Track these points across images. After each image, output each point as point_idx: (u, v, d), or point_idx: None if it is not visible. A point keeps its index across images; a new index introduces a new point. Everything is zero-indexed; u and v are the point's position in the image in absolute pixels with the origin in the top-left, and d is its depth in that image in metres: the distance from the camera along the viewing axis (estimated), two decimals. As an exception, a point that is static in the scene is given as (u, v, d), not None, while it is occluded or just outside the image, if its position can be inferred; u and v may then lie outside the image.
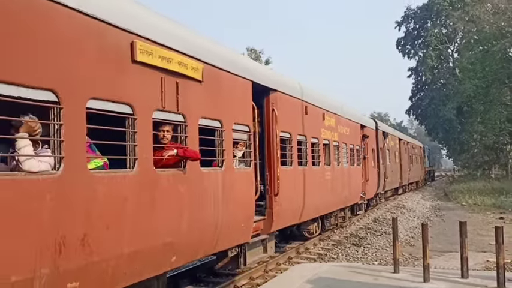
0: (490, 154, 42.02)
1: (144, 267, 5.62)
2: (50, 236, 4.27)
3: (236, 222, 8.00)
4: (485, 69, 34.79)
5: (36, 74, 4.19)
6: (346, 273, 8.74)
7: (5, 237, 3.87)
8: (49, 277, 4.22)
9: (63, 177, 4.43)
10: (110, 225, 5.01)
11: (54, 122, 4.42)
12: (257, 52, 48.46)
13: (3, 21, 3.91)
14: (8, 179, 3.98)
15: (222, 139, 7.55)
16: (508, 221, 18.04)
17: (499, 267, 7.48)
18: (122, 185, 5.27)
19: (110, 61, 5.15)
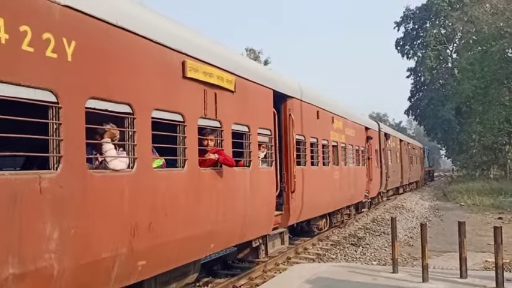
0: (488, 154, 42.07)
1: (190, 251, 6.77)
2: (128, 222, 5.33)
3: (260, 215, 9.08)
4: (484, 70, 34.84)
5: (120, 92, 5.32)
6: (345, 273, 8.75)
7: (98, 222, 4.93)
8: (126, 255, 5.29)
9: (136, 175, 5.52)
10: (168, 214, 6.05)
11: (129, 129, 5.47)
12: (256, 52, 48.45)
13: (101, 57, 5.07)
14: (100, 176, 5.08)
15: (249, 142, 8.65)
16: (507, 221, 18.06)
17: (497, 268, 7.49)
18: (176, 181, 6.42)
19: (167, 78, 6.26)
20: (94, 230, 4.89)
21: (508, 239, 12.47)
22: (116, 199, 5.22)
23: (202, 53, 7.12)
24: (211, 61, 7.29)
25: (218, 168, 7.45)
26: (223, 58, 7.89)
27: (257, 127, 9.00)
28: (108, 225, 5.08)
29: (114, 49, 5.32)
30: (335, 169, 14.49)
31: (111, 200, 5.14)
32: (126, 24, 5.44)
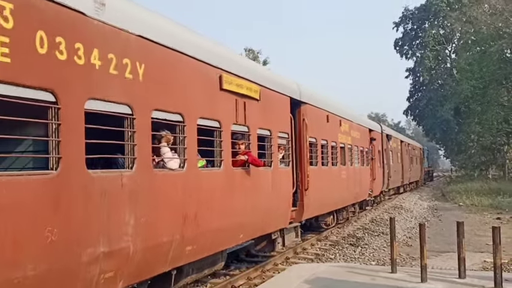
0: (487, 155, 42.13)
1: (224, 240, 7.97)
2: (180, 213, 6.47)
3: (279, 210, 10.21)
4: (482, 70, 34.88)
5: (174, 104, 6.46)
6: (343, 274, 8.75)
7: (160, 212, 6.05)
8: (179, 241, 6.40)
9: (186, 173, 6.68)
10: (209, 207, 7.18)
11: (180, 134, 6.62)
12: (255, 52, 48.49)
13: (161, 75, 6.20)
14: (161, 174, 6.26)
15: (271, 144, 9.75)
16: (505, 221, 18.08)
17: (496, 268, 7.49)
18: (214, 178, 7.56)
19: (208, 90, 7.38)
20: (158, 218, 6.01)
21: (506, 239, 12.49)
22: (172, 193, 6.39)
23: (235, 67, 8.29)
24: (242, 74, 8.48)
25: (246, 168, 8.58)
26: (251, 71, 9.15)
27: (277, 131, 10.18)
28: (167, 215, 6.23)
29: (170, 68, 6.42)
30: (342, 169, 15.60)
31: (169, 193, 6.30)
32: (179, 47, 6.58)
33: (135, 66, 5.65)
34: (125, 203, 5.41)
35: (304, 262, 11.44)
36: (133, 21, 5.76)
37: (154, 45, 6.06)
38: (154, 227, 5.93)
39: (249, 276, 9.59)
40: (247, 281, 9.39)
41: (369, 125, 21.51)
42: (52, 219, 4.49)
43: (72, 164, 4.73)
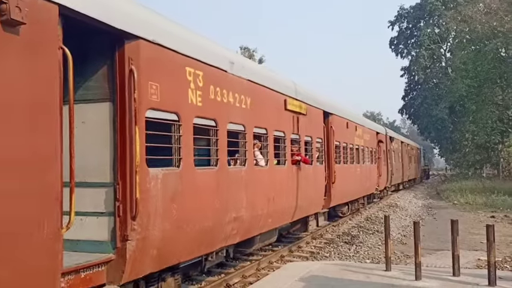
0: (481, 153, 42.27)
1: (287, 217, 11.17)
2: (267, 195, 9.48)
3: (316, 198, 13.27)
4: (477, 69, 34.97)
5: (263, 121, 9.50)
6: (338, 272, 8.77)
7: (258, 193, 9.09)
8: (265, 215, 9.44)
9: (269, 169, 9.77)
10: (279, 192, 10.25)
11: (265, 142, 9.67)
12: (250, 51, 48.48)
13: (258, 103, 9.21)
14: (258, 168, 9.30)
15: (312, 147, 12.84)
16: (499, 219, 18.18)
17: (490, 266, 7.52)
18: (282, 173, 10.64)
19: (278, 111, 10.50)
20: (256, 198, 9.03)
21: (500, 238, 12.56)
22: (263, 182, 9.41)
23: (293, 93, 11.50)
24: (297, 97, 11.64)
25: (298, 165, 11.45)
26: (302, 94, 12.21)
27: (316, 137, 13.29)
28: (261, 197, 9.29)
29: (261, 98, 9.46)
30: (357, 166, 18.89)
31: (261, 183, 9.33)
32: (265, 83, 9.73)
33: (246, 99, 8.74)
34: (242, 188, 8.47)
35: (299, 260, 11.45)
36: (246, 71, 8.87)
37: (255, 84, 9.22)
38: (255, 204, 8.97)
39: (244, 274, 9.59)
40: (242, 279, 9.38)
41: (376, 128, 25.12)
42: (216, 194, 7.56)
43: (224, 162, 7.89)
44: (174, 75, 6.50)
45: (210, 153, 7.58)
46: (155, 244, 5.93)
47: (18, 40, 4.16)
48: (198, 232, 6.99)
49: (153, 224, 5.88)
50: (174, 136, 6.52)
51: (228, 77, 8.01)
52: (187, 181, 6.69)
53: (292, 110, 11.14)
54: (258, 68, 10.56)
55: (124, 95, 5.59)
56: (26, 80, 4.27)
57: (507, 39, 31.99)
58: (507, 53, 34.41)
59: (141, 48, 5.76)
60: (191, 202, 6.76)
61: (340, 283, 7.99)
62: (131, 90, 5.56)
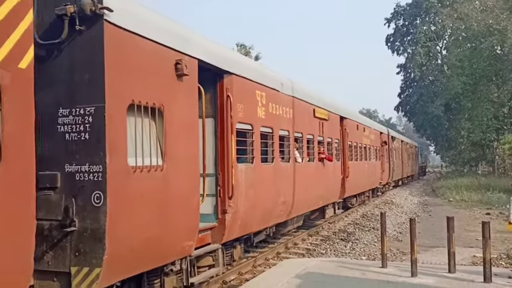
0: (477, 151, 42.41)
1: (314, 203, 13.61)
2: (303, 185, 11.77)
3: (335, 189, 15.89)
4: (473, 67, 35.04)
5: (300, 128, 11.98)
6: (334, 268, 8.78)
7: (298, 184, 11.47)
8: (303, 200, 11.98)
9: (304, 164, 12.16)
10: (310, 183, 12.67)
11: (302, 144, 12.19)
12: (247, 48, 48.38)
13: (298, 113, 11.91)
14: (297, 164, 11.55)
15: (332, 147, 15.37)
16: (495, 216, 18.23)
17: (485, 262, 7.55)
18: (312, 167, 13.11)
19: (309, 118, 13.02)
20: (297, 187, 11.35)
21: (495, 235, 12.60)
22: (300, 175, 11.74)
23: (321, 103, 14.22)
24: (323, 106, 14.37)
25: (322, 162, 14.02)
26: (325, 103, 14.93)
27: (335, 138, 15.83)
28: (300, 186, 11.61)
29: (299, 109, 11.96)
30: (365, 163, 21.70)
31: (300, 175, 11.63)
32: (301, 97, 12.25)
33: (289, 111, 11.24)
34: (288, 179, 10.98)
35: (295, 257, 11.46)
36: (290, 90, 11.38)
37: (295, 99, 11.68)
38: (296, 192, 11.30)
39: (240, 271, 9.58)
40: (238, 275, 9.38)
41: (380, 128, 28.03)
42: (273, 184, 10.08)
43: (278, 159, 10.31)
44: (250, 97, 9.07)
45: (268, 152, 10.07)
46: (241, 217, 8.43)
47: (184, 84, 6.69)
48: (262, 211, 9.62)
49: (240, 203, 8.36)
50: (249, 141, 9.00)
51: (279, 95, 10.65)
52: (257, 173, 9.34)
53: (319, 117, 13.82)
54: (297, 86, 12.22)
55: (223, 113, 8.09)
56: (187, 107, 6.80)
57: (503, 36, 32.05)
58: (503, 50, 34.50)
59: (234, 80, 8.31)
60: (259, 188, 9.32)
61: (336, 280, 8.00)
62: (228, 110, 8.07)
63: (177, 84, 6.57)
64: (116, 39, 5.42)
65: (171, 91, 6.46)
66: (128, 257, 5.57)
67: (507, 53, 33.55)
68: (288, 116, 11.13)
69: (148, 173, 5.88)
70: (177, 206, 6.50)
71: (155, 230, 6.02)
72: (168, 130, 6.27)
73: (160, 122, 6.24)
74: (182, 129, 6.62)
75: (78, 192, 5.24)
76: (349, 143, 18.05)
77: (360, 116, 23.92)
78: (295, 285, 7.64)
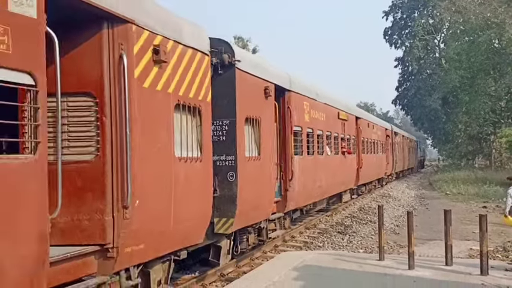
0: (474, 144, 42.49)
1: (338, 188, 17.13)
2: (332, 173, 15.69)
3: (352, 177, 19.45)
4: (470, 60, 35.00)
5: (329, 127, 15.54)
6: (331, 261, 8.81)
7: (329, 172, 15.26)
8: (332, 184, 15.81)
9: (332, 156, 15.76)
10: (337, 170, 16.44)
11: (330, 140, 15.74)
12: (244, 41, 48.24)
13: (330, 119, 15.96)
14: (326, 157, 15.03)
15: (350, 142, 18.88)
16: (491, 210, 18.29)
17: (482, 255, 7.58)
18: (337, 159, 16.57)
19: (335, 119, 16.48)
20: (327, 174, 14.74)
21: (492, 228, 12.62)
22: (331, 164, 15.48)
23: (343, 107, 17.71)
24: (344, 109, 17.77)
25: (344, 155, 17.26)
26: (346, 106, 18.64)
27: (352, 135, 19.39)
28: (330, 173, 15.22)
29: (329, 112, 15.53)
30: (374, 156, 25.29)
31: (330, 164, 15.31)
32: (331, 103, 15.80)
33: (323, 115, 14.46)
34: (322, 168, 14.03)
35: (293, 250, 11.50)
36: (323, 98, 14.60)
37: (326, 105, 14.97)
38: (327, 178, 14.56)
39: (238, 264, 9.61)
40: (236, 268, 9.41)
41: (385, 125, 32.02)
42: (313, 171, 13.37)
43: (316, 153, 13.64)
44: (300, 107, 12.44)
45: (309, 147, 13.20)
46: (295, 195, 11.68)
47: (268, 102, 10.09)
48: (307, 191, 12.91)
49: (296, 184, 11.58)
50: (299, 139, 12.24)
51: (316, 103, 13.98)
52: (305, 163, 12.60)
53: (342, 118, 17.28)
54: (327, 94, 15.77)
55: (285, 119, 11.38)
56: (269, 117, 10.21)
57: (501, 30, 31.99)
58: (500, 44, 34.43)
59: (292, 96, 11.66)
60: (306, 175, 12.62)
61: (333, 272, 8.03)
62: (288, 117, 11.39)
63: (265, 102, 10.00)
64: (241, 78, 8.68)
65: (263, 107, 9.88)
66: (245, 213, 8.75)
67: (505, 47, 33.49)
68: (321, 118, 14.55)
69: (253, 161, 9.29)
70: (266, 183, 9.91)
71: (256, 197, 9.39)
72: (262, 133, 9.65)
73: (258, 128, 9.58)
74: (268, 133, 10.05)
75: (218, 172, 8.23)
76: (362, 139, 21.77)
77: (370, 115, 28.87)
78: (292, 278, 7.66)
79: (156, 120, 6.07)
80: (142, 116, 5.67)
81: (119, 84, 5.37)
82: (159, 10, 6.36)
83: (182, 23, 6.84)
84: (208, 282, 8.41)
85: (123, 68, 5.34)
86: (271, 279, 7.60)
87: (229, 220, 8.30)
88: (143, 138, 5.69)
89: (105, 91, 5.36)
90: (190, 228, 6.91)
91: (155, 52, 5.89)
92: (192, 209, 6.84)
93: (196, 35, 7.18)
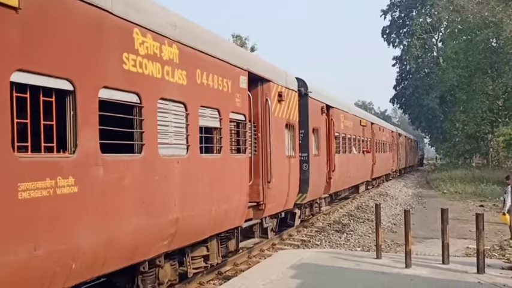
0: (471, 143, 42.53)
1: (358, 180, 21.78)
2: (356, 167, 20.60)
3: (368, 171, 24.05)
4: (468, 59, 35.08)
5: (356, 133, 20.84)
6: (329, 259, 8.83)
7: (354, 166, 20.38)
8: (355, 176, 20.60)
9: (356, 154, 20.71)
10: (359, 165, 21.31)
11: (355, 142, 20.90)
12: (242, 39, 48.15)
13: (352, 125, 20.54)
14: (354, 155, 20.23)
15: (367, 143, 23.52)
16: (488, 208, 18.36)
17: (479, 254, 7.61)
18: (358, 157, 21.03)
19: (358, 127, 21.38)
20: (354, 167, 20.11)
21: (488, 226, 12.69)
22: (356, 160, 20.41)
23: (362, 115, 23.16)
24: (363, 117, 23.26)
25: (364, 153, 21.88)
26: (365, 116, 25.10)
27: (368, 137, 23.65)
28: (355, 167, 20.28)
29: (355, 121, 20.56)
30: (383, 154, 30.09)
31: (355, 161, 20.12)
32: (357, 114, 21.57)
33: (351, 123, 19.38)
34: (352, 162, 19.62)
35: (290, 248, 11.51)
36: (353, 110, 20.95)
37: (354, 115, 20.25)
38: (354, 170, 19.87)
39: (236, 262, 9.62)
40: (233, 266, 9.42)
41: (391, 128, 37.10)
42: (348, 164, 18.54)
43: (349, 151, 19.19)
44: (338, 118, 16.76)
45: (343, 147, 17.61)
46: (335, 182, 15.99)
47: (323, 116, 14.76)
48: (341, 180, 17.10)
49: (336, 174, 15.83)
50: (337, 141, 16.42)
51: (347, 114, 18.73)
52: (341, 159, 16.81)
53: (362, 125, 21.88)
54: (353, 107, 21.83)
55: (329, 128, 15.57)
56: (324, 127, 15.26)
57: (498, 29, 32.06)
58: (498, 43, 34.51)
59: (334, 111, 16.15)
60: (341, 168, 16.84)
61: (331, 270, 8.05)
62: (332, 126, 15.72)
63: (321, 117, 14.50)
64: (311, 103, 13.24)
65: (320, 120, 14.41)
66: (312, 192, 13.10)
67: (502, 46, 33.57)
68: (350, 126, 19.21)
69: (316, 157, 13.65)
70: (322, 172, 14.44)
71: (317, 181, 13.81)
72: (319, 139, 14.15)
73: (317, 135, 14.06)
74: (322, 138, 14.47)
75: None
76: (376, 141, 26.30)
77: (381, 120, 34.56)
78: (290, 276, 7.68)
79: (279, 134, 10.59)
80: (274, 132, 10.12)
81: (265, 115, 9.88)
82: (281, 71, 11.19)
83: (287, 76, 11.47)
84: (206, 281, 8.42)
85: (268, 107, 9.92)
86: (269, 277, 7.62)
87: (304, 195, 12.67)
88: (275, 145, 10.07)
89: (260, 119, 9.80)
90: (291, 198, 11.51)
91: (279, 96, 10.51)
92: (292, 186, 11.40)
93: (293, 81, 11.98)
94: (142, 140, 5.74)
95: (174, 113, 6.47)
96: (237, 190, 8.33)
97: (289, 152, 11.31)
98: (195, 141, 6.94)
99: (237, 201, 8.33)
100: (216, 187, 7.53)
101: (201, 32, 7.47)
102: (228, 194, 7.98)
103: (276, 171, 9.94)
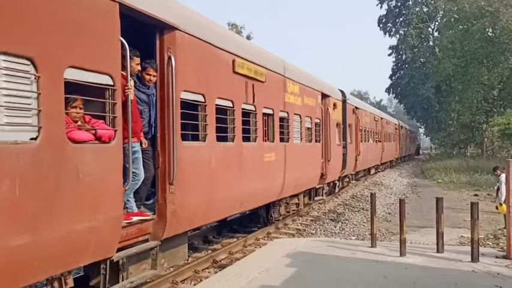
0: (466, 133, 42.68)
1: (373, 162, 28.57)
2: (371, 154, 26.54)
3: (379, 156, 29.93)
4: (464, 49, 35.04)
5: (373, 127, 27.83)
6: (324, 248, 8.86)
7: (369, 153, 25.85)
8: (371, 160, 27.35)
9: (372, 143, 27.18)
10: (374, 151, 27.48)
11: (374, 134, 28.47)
12: (238, 27, 47.90)
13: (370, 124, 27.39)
14: (371, 143, 26.80)
15: (379, 134, 30.00)
16: (482, 198, 18.45)
17: (473, 242, 7.65)
18: (373, 145, 27.22)
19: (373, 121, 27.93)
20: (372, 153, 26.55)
21: (483, 216, 12.75)
22: (371, 149, 26.06)
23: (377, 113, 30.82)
24: (377, 114, 30.73)
25: (376, 142, 28.35)
26: (378, 112, 32.79)
27: (379, 129, 29.79)
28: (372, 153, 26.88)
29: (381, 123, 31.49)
30: (390, 143, 35.38)
31: (374, 149, 27.33)
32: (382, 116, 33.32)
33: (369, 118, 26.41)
34: (370, 149, 25.52)
35: (286, 237, 11.53)
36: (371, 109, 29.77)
37: (371, 113, 27.10)
38: (371, 156, 26.13)
39: (231, 250, 9.63)
40: (228, 255, 9.42)
41: (395, 121, 41.95)
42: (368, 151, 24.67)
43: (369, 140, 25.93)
44: (362, 115, 22.96)
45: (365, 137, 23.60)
46: (360, 163, 22.12)
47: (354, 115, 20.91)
48: (364, 162, 23.31)
49: (360, 157, 21.68)
50: (361, 133, 22.17)
51: (367, 112, 25.20)
52: (363, 146, 22.45)
53: (375, 120, 26.95)
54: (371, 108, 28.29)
55: (357, 123, 21.24)
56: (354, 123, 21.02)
57: (494, 19, 32.03)
58: (494, 32, 34.47)
59: (359, 111, 22.36)
60: (363, 153, 22.48)
61: (326, 259, 8.08)
62: (358, 122, 21.56)
63: (352, 115, 20.06)
64: (348, 106, 18.83)
65: (352, 118, 19.83)
66: (348, 169, 18.96)
67: (498, 35, 33.55)
68: (368, 121, 25.01)
69: (349, 145, 18.71)
70: (352, 155, 19.08)
71: (351, 161, 19.26)
72: (352, 132, 19.46)
73: (350, 129, 19.26)
74: (353, 131, 19.93)
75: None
76: (384, 132, 31.95)
77: (387, 115, 39.84)
78: (285, 265, 7.70)
79: (334, 130, 15.87)
80: (331, 129, 15.40)
81: (325, 117, 15.06)
82: (334, 88, 17.05)
83: (334, 89, 16.77)
84: (201, 269, 8.43)
85: (329, 113, 15.24)
86: (264, 265, 7.64)
87: (343, 170, 17.91)
88: (332, 137, 15.28)
89: (322, 119, 14.67)
90: (338, 172, 17.04)
91: (334, 105, 15.86)
92: (339, 164, 16.92)
93: (339, 93, 17.56)
94: (289, 135, 11.47)
95: (295, 121, 12.03)
96: (315, 165, 13.97)
97: (338, 142, 16.92)
98: (304, 136, 12.73)
99: (314, 171, 13.87)
100: (305, 162, 12.92)
101: (303, 72, 13.43)
102: (311, 167, 13.49)
103: (332, 154, 15.32)
